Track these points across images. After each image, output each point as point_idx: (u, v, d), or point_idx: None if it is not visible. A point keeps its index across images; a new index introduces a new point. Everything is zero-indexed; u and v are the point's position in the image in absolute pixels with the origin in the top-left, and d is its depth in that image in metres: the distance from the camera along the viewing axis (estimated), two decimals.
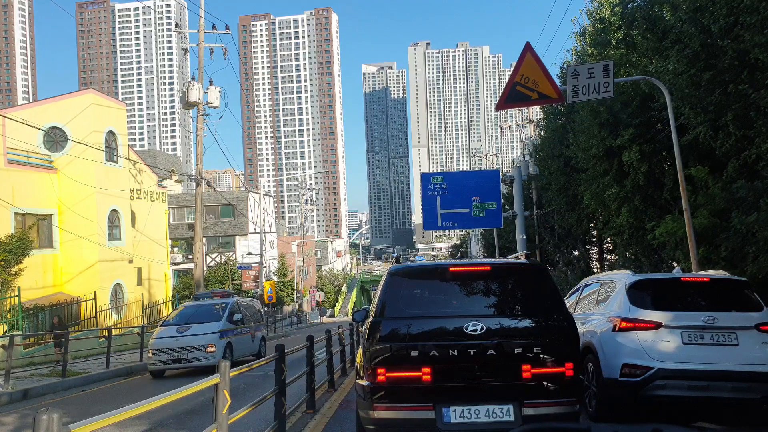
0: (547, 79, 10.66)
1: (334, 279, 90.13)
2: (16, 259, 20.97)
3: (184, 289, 43.29)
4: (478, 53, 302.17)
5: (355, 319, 8.24)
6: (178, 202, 51.15)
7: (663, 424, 2.33)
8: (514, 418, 5.04)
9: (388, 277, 5.71)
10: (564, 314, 5.46)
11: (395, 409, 5.17)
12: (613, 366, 6.84)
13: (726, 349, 6.52)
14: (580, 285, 9.48)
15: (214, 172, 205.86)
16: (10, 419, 10.47)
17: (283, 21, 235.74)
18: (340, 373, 12.73)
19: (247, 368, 6.82)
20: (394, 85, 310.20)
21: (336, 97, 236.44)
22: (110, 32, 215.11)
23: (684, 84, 10.60)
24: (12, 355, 13.85)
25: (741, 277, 7.81)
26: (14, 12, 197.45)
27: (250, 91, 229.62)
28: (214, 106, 24.58)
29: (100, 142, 25.81)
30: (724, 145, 10.64)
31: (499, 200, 14.52)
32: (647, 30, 12.51)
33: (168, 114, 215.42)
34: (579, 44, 19.85)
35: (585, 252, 24.21)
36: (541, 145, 24.80)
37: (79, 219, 24.87)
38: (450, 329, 5.27)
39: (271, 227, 60.96)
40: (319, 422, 8.03)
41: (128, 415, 3.72)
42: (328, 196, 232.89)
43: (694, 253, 10.48)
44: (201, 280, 24.85)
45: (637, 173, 13.52)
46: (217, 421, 4.99)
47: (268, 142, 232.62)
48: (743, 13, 9.07)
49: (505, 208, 16.91)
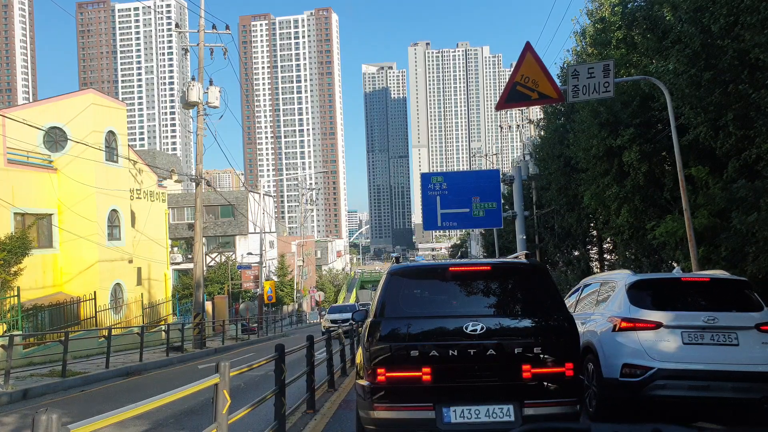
0: (547, 78, 10.65)
1: (333, 279, 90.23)
2: (16, 259, 20.96)
3: (184, 289, 43.30)
4: (478, 53, 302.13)
5: (355, 319, 8.23)
6: (178, 202, 51.15)
7: (663, 424, 2.32)
8: (514, 418, 5.03)
9: (388, 277, 5.70)
10: (564, 314, 5.45)
11: (395, 409, 5.16)
12: (614, 366, 6.83)
13: (726, 349, 6.51)
14: (580, 285, 9.47)
15: (214, 172, 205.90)
16: (10, 419, 10.46)
17: (283, 21, 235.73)
18: (340, 373, 12.72)
19: (247, 368, 6.82)
20: (394, 85, 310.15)
21: (336, 97, 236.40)
22: (110, 32, 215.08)
23: (684, 84, 10.59)
24: (12, 355, 13.83)
25: (741, 277, 7.79)
26: (14, 12, 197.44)
27: (250, 91, 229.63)
28: (214, 106, 24.58)
29: (100, 142, 25.80)
30: (724, 145, 10.63)
31: (499, 200, 14.50)
32: (647, 30, 12.51)
33: (168, 114, 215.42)
34: (579, 44, 19.88)
35: (585, 252, 24.21)
36: (541, 145, 24.81)
37: (78, 219, 24.86)
38: (450, 329, 5.26)
39: (271, 227, 60.96)
40: (319, 422, 8.02)
41: (128, 415, 3.71)
42: (328, 196, 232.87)
43: (694, 253, 10.48)
44: (201, 280, 24.85)
45: (637, 173, 13.52)
46: (216, 421, 4.98)
47: (268, 142, 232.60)
48: (743, 13, 9.07)
49: (505, 208, 16.89)
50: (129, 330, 24.28)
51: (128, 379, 15.91)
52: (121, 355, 20.10)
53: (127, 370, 17.09)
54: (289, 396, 7.59)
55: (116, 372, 16.53)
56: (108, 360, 16.88)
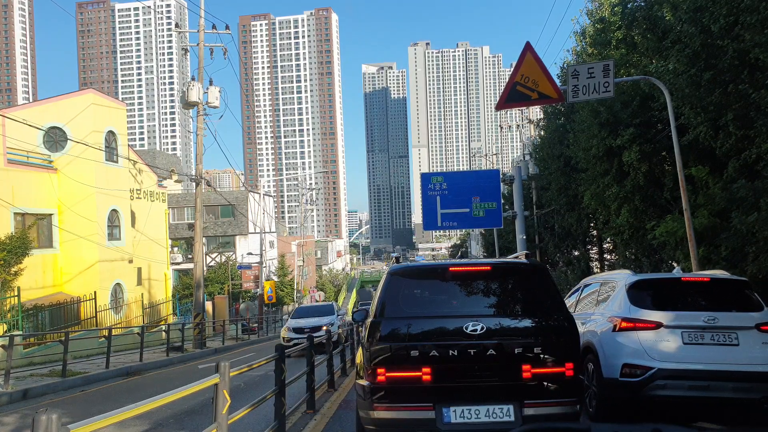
0: (547, 78, 10.65)
1: (334, 279, 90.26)
2: (16, 259, 20.95)
3: (184, 289, 43.27)
4: (478, 53, 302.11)
5: (355, 319, 8.22)
6: (178, 202, 51.14)
7: (663, 424, 2.32)
8: (514, 419, 5.03)
9: (388, 277, 5.70)
10: (564, 314, 5.45)
11: (395, 409, 5.16)
12: (614, 366, 6.83)
13: (726, 349, 6.51)
14: (580, 285, 9.47)
15: (214, 172, 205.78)
16: (10, 419, 10.46)
17: (283, 21, 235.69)
18: (340, 373, 12.72)
19: (247, 368, 6.82)
20: (394, 85, 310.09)
21: (336, 97, 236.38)
22: (110, 32, 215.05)
23: (684, 84, 10.59)
24: (12, 355, 13.83)
25: (741, 277, 7.79)
26: (14, 12, 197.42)
27: (250, 91, 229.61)
28: (214, 106, 24.58)
29: (100, 142, 25.80)
30: (724, 145, 10.63)
31: (499, 200, 14.50)
32: (647, 30, 12.51)
33: (168, 114, 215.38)
34: (579, 44, 19.87)
35: (585, 252, 24.21)
36: (541, 145, 24.80)
37: (79, 219, 24.86)
38: (450, 329, 5.26)
39: (271, 227, 60.96)
40: (319, 422, 8.02)
41: (128, 415, 3.71)
42: (328, 196, 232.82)
43: (694, 253, 10.48)
44: (201, 280, 24.85)
45: (637, 173, 13.51)
46: (216, 421, 4.98)
47: (268, 142, 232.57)
48: (743, 13, 9.06)
49: (505, 208, 16.89)
50: (129, 330, 24.28)
51: (128, 379, 15.91)
52: (122, 355, 20.10)
53: (127, 370, 17.09)
54: (289, 396, 7.59)
55: (116, 372, 16.53)
56: (108, 360, 16.88)
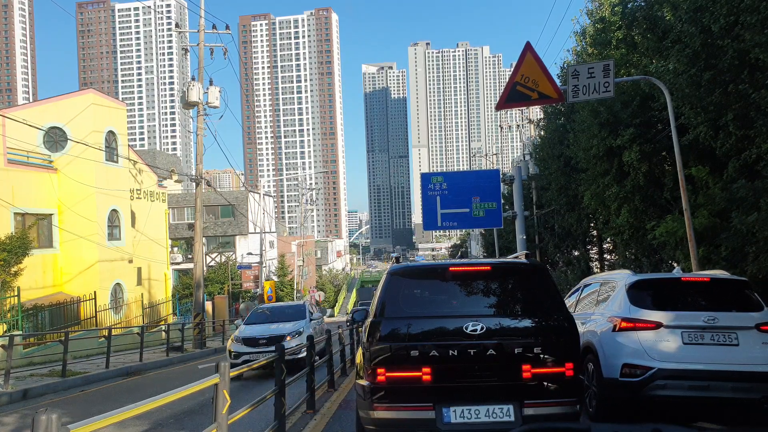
0: (547, 78, 10.65)
1: (334, 279, 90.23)
2: (16, 259, 20.94)
3: (184, 289, 43.27)
4: (478, 53, 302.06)
5: (355, 319, 8.22)
6: (178, 202, 51.13)
7: (663, 424, 2.32)
8: (514, 419, 5.03)
9: (388, 277, 5.70)
10: (564, 314, 5.44)
11: (395, 409, 5.16)
12: (614, 366, 6.83)
13: (726, 349, 6.51)
14: (580, 285, 9.47)
15: (214, 172, 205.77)
16: (10, 419, 10.46)
17: (283, 21, 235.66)
18: (340, 373, 12.72)
19: (247, 368, 6.82)
20: (394, 85, 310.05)
21: (336, 97, 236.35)
22: (110, 32, 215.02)
23: (684, 84, 10.59)
24: (12, 355, 13.83)
25: (741, 277, 7.79)
26: (14, 12, 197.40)
27: (250, 91, 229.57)
28: (214, 106, 24.58)
29: (100, 142, 25.80)
30: (725, 145, 10.63)
31: (499, 200, 14.51)
32: (647, 30, 12.51)
33: (168, 114, 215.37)
34: (579, 44, 19.86)
35: (585, 252, 24.20)
36: (541, 145, 24.80)
37: (79, 219, 24.87)
38: (450, 329, 5.26)
39: (271, 227, 60.96)
40: (319, 422, 8.02)
41: (128, 415, 3.71)
42: (328, 196, 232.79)
43: (694, 253, 10.48)
44: (201, 280, 24.85)
45: (637, 173, 13.51)
46: (216, 421, 4.98)
47: (268, 142, 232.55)
48: (743, 13, 9.06)
49: (505, 208, 16.89)
50: (129, 330, 24.28)
51: (128, 379, 15.91)
52: (121, 355, 20.10)
53: (127, 370, 17.10)
54: (289, 396, 7.60)
55: (116, 372, 16.53)
56: (108, 360, 16.88)
